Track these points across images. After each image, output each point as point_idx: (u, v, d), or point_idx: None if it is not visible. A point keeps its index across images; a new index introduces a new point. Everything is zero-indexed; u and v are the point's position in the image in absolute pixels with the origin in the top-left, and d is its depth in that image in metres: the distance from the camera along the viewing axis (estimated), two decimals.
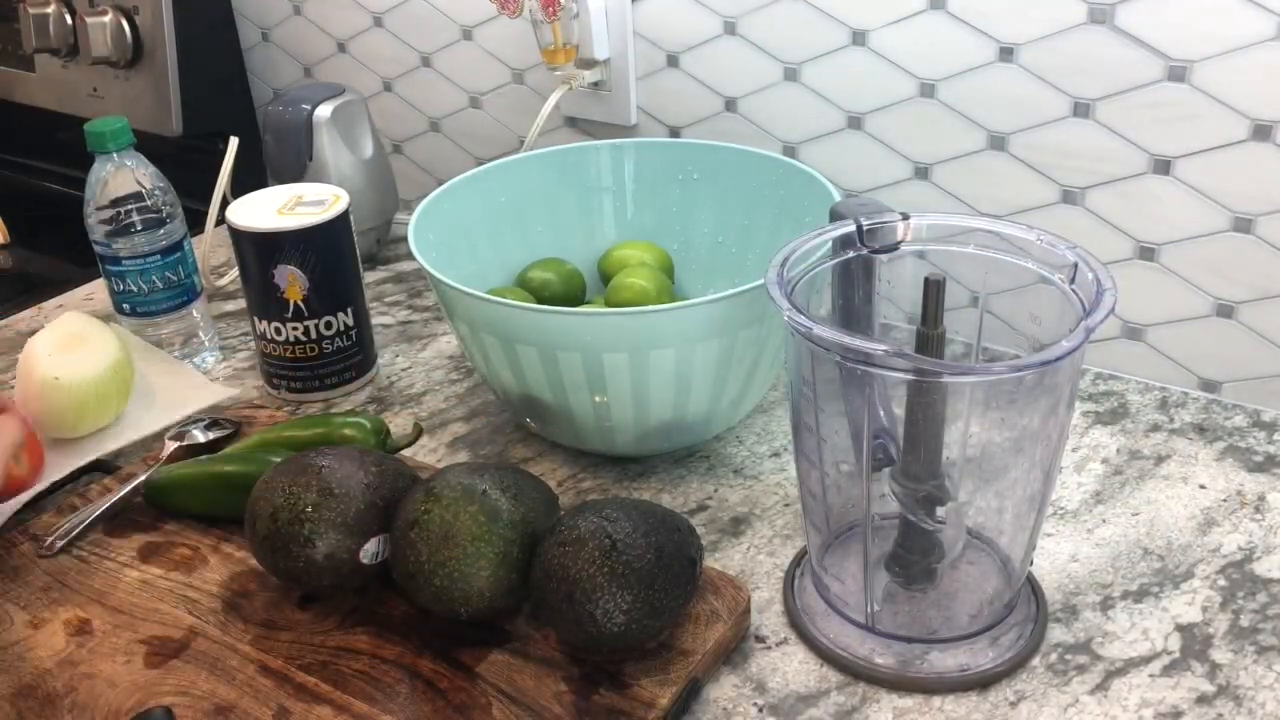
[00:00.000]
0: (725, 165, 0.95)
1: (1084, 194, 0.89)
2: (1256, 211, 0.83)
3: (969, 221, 0.67)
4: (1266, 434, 0.84)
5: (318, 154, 1.10)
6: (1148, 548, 0.75)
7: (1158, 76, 0.82)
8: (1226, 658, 0.66)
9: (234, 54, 1.35)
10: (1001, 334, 0.68)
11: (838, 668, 0.67)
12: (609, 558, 0.61)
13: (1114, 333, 0.92)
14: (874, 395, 0.64)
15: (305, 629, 0.68)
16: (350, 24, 1.26)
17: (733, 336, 0.74)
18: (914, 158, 0.96)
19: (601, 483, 0.83)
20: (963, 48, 0.89)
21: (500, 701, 0.62)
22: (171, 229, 0.96)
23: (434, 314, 1.08)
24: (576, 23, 1.05)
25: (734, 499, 0.81)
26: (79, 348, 0.86)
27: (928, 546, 0.67)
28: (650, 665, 0.64)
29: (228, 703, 0.64)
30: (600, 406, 0.76)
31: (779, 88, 1.00)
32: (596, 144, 0.97)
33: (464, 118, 1.23)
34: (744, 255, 0.95)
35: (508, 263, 0.95)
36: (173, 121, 1.28)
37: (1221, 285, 0.86)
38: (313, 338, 0.92)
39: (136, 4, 1.25)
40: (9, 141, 1.55)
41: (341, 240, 0.91)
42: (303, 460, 0.69)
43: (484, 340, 0.77)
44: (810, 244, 0.66)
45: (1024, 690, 0.65)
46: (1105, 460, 0.83)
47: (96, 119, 0.93)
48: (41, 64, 1.37)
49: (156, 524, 0.78)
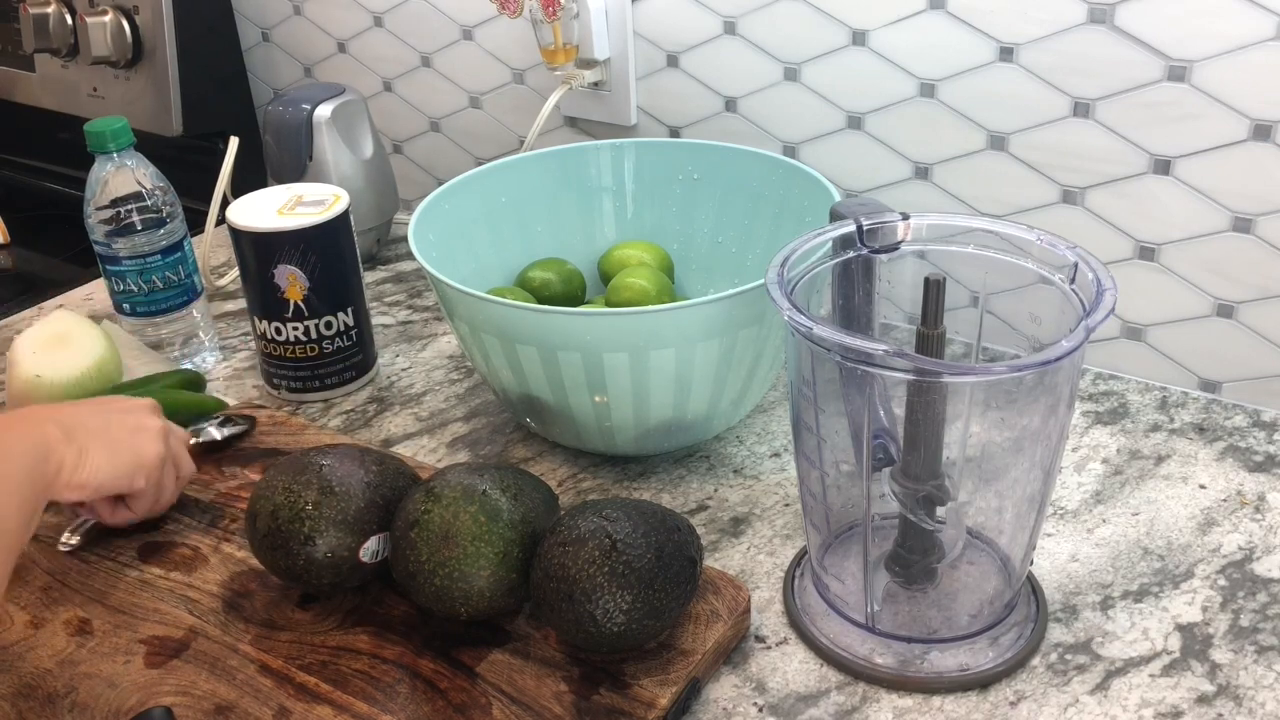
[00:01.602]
0: (725, 165, 0.95)
1: (1084, 194, 0.89)
2: (1256, 211, 0.83)
3: (969, 221, 0.67)
4: (1266, 434, 0.84)
5: (318, 154, 1.10)
6: (1148, 548, 0.75)
7: (1158, 76, 0.82)
8: (1226, 658, 0.66)
9: (234, 54, 1.35)
10: (1001, 334, 0.68)
11: (838, 668, 0.67)
12: (609, 558, 0.61)
13: (1114, 333, 0.92)
14: (874, 395, 0.64)
15: (305, 629, 0.68)
16: (350, 24, 1.26)
17: (733, 336, 0.74)
18: (914, 158, 0.96)
19: (601, 483, 0.83)
20: (963, 48, 0.89)
21: (500, 701, 0.62)
22: (171, 229, 0.96)
23: (434, 314, 1.08)
24: (576, 23, 1.05)
25: (734, 499, 0.81)
26: (63, 347, 0.87)
27: (928, 546, 0.67)
28: (650, 665, 0.64)
29: (228, 703, 0.64)
30: (600, 406, 0.76)
31: (779, 88, 1.00)
32: (596, 144, 0.97)
33: (464, 118, 1.23)
34: (744, 255, 0.95)
35: (508, 263, 0.95)
36: (173, 121, 1.28)
37: (1221, 285, 0.86)
38: (313, 338, 0.92)
39: (136, 4, 1.25)
40: (9, 141, 1.55)
41: (341, 240, 0.91)
42: (303, 459, 0.69)
43: (484, 340, 0.77)
44: (810, 244, 0.66)
45: (1024, 690, 0.65)
46: (1105, 460, 0.83)
47: (96, 119, 0.94)
48: (41, 64, 1.37)
49: (156, 524, 0.78)
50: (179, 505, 0.79)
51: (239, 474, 0.83)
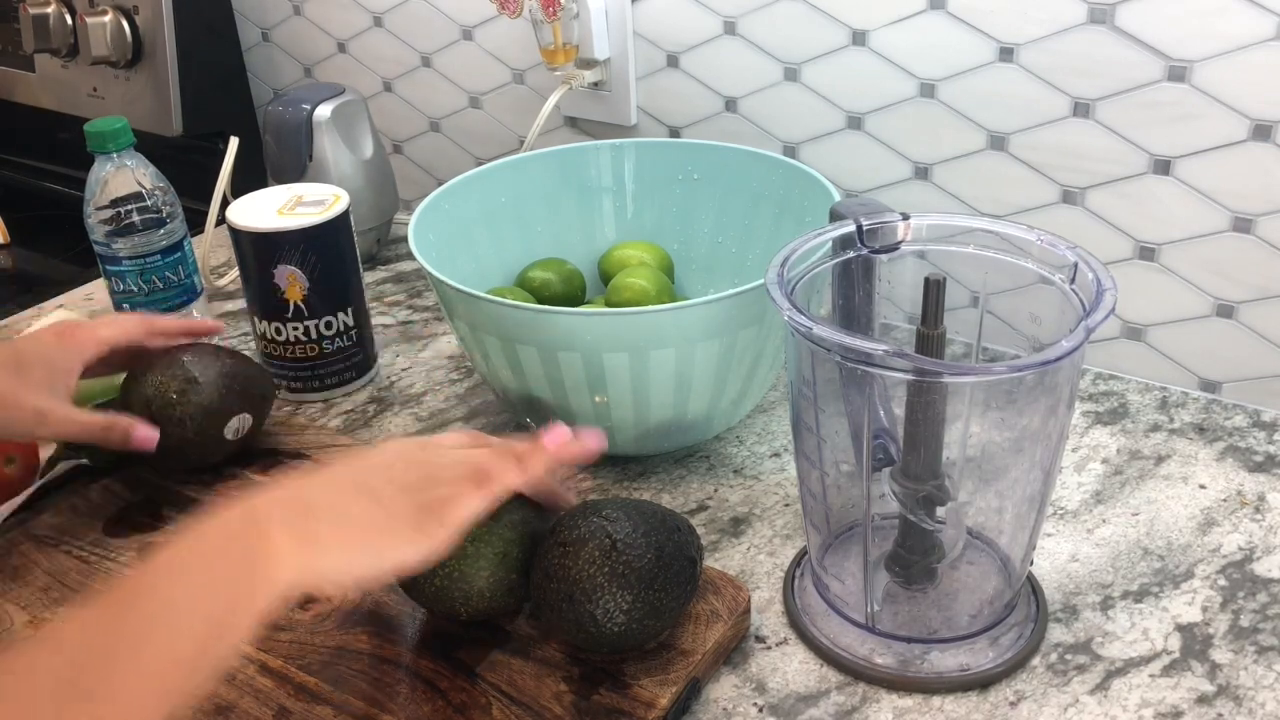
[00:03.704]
0: (725, 165, 0.95)
1: (1084, 194, 0.89)
2: (1256, 211, 0.83)
3: (969, 221, 0.67)
4: (1266, 434, 0.84)
5: (318, 154, 1.10)
6: (1148, 548, 0.75)
7: (1158, 76, 0.82)
8: (1226, 658, 0.66)
9: (234, 54, 1.35)
10: (1001, 334, 0.68)
11: (838, 668, 0.67)
12: (609, 558, 0.61)
13: (1114, 333, 0.92)
14: (874, 395, 0.64)
15: (305, 629, 0.68)
16: (350, 24, 1.26)
17: (733, 336, 0.74)
18: (914, 158, 0.96)
19: (601, 483, 0.83)
20: (963, 48, 0.89)
21: (500, 701, 0.62)
22: (171, 229, 0.96)
23: (434, 314, 1.08)
24: (576, 23, 1.05)
25: (734, 499, 0.81)
26: None
27: (928, 546, 0.67)
28: (650, 665, 0.64)
29: (228, 703, 0.64)
30: (600, 406, 0.76)
31: (779, 88, 1.00)
32: (596, 144, 0.97)
33: (464, 118, 1.23)
34: (744, 255, 0.95)
35: (508, 263, 0.95)
36: (173, 121, 1.28)
37: (1221, 285, 0.86)
38: (313, 338, 0.92)
39: (136, 4, 1.25)
40: (9, 141, 1.55)
41: (341, 240, 0.91)
42: (167, 357, 0.80)
43: (484, 340, 0.77)
44: (810, 244, 0.66)
45: (1024, 690, 0.65)
46: (1105, 460, 0.83)
47: (96, 119, 0.94)
48: (41, 64, 1.37)
49: (156, 524, 0.78)
50: (179, 505, 0.79)
51: (239, 474, 0.83)
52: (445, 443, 0.62)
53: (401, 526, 0.55)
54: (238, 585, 0.50)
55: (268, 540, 0.51)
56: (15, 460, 0.80)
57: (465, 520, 0.56)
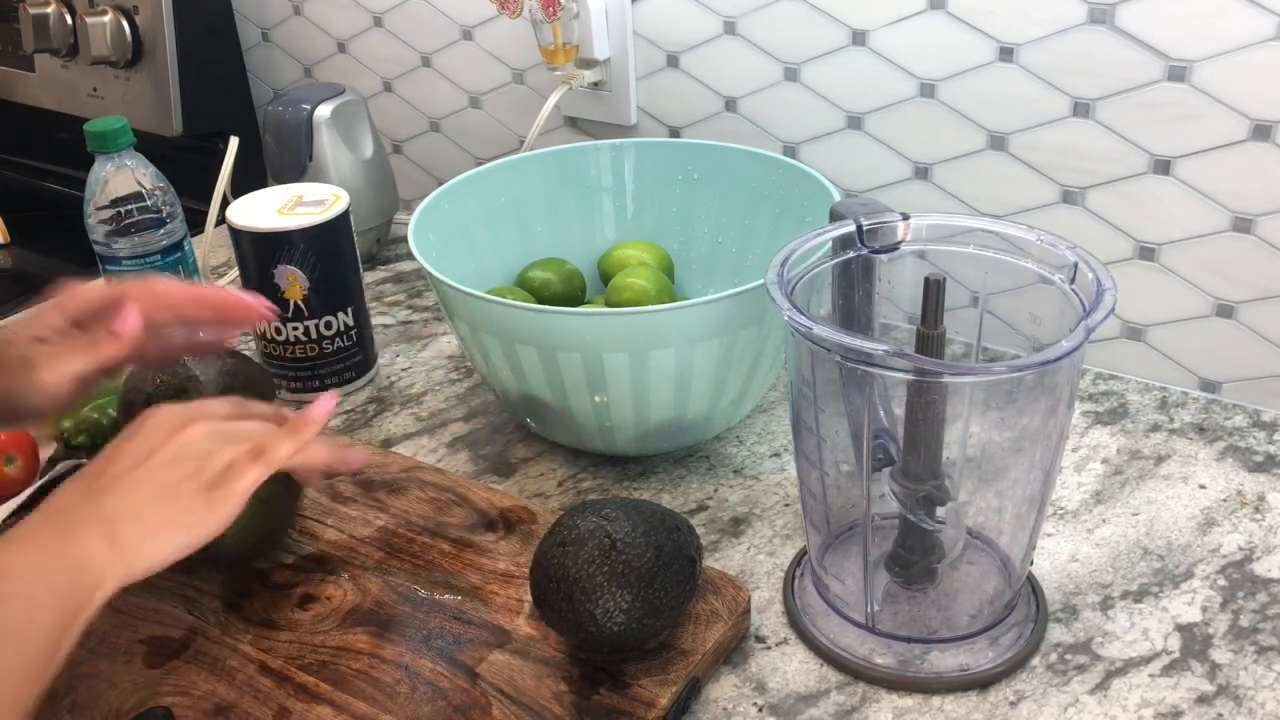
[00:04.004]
0: (725, 165, 0.95)
1: (1084, 194, 0.89)
2: (1256, 211, 0.83)
3: (969, 221, 0.67)
4: (1266, 434, 0.84)
5: (318, 154, 1.10)
6: (1148, 548, 0.75)
7: (1158, 76, 0.82)
8: (1226, 658, 0.66)
9: (234, 54, 1.35)
10: (1001, 334, 0.68)
11: (838, 668, 0.67)
12: (609, 557, 0.61)
13: (1114, 333, 0.92)
14: (874, 395, 0.64)
15: (305, 629, 0.68)
16: (350, 24, 1.26)
17: (733, 336, 0.74)
18: (914, 158, 0.96)
19: (601, 483, 0.83)
20: (963, 48, 0.89)
21: (500, 701, 0.62)
22: (171, 229, 0.96)
23: (434, 314, 1.08)
24: (576, 23, 1.05)
25: (734, 499, 0.81)
26: None
27: (928, 546, 0.67)
28: (650, 665, 0.64)
29: (228, 703, 0.64)
30: (600, 406, 0.76)
31: (779, 88, 1.00)
32: (596, 144, 0.97)
33: (464, 118, 1.23)
34: (744, 255, 0.95)
35: (508, 263, 0.95)
36: (173, 121, 1.28)
37: (1221, 285, 0.86)
38: (313, 338, 0.92)
39: (136, 4, 1.25)
40: (9, 141, 1.55)
41: (341, 240, 0.91)
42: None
43: (484, 340, 0.77)
44: (810, 244, 0.66)
45: (1024, 690, 0.65)
46: (1105, 460, 0.83)
47: (96, 119, 0.94)
48: (41, 64, 1.37)
49: None
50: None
51: None
52: (209, 408, 0.65)
53: (195, 505, 0.59)
54: (64, 603, 0.54)
55: (87, 554, 0.55)
56: (15, 460, 0.80)
57: (249, 489, 0.60)
